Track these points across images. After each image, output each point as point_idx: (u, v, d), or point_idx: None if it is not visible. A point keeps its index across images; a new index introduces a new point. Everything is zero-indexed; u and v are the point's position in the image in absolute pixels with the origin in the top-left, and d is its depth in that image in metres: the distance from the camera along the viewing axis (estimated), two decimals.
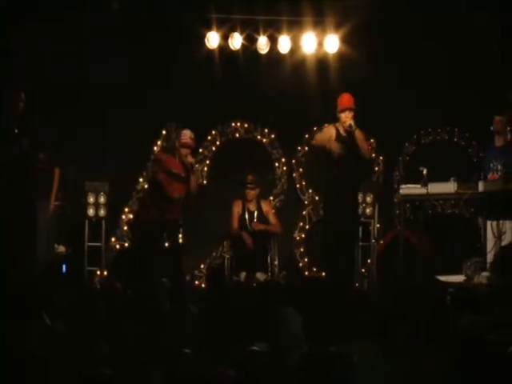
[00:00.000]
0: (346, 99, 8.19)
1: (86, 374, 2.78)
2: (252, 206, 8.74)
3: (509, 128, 8.41)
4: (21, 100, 7.38)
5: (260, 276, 8.31)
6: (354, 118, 8.17)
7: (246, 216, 8.68)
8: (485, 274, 7.80)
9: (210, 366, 3.16)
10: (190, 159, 8.30)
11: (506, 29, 9.00)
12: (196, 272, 9.70)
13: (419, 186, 8.41)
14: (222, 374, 3.01)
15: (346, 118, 8.12)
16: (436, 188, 8.26)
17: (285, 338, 3.89)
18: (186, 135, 8.33)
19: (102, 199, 8.93)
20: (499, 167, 7.89)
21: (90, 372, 2.74)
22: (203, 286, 9.42)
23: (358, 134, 8.11)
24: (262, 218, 8.71)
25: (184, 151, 8.26)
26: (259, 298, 4.55)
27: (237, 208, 8.69)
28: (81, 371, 2.82)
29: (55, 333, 4.05)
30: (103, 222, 9.00)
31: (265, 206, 8.81)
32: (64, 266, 6.90)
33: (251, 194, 8.70)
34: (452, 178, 8.12)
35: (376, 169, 10.11)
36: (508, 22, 9.00)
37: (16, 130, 7.30)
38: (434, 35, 9.42)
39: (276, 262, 8.69)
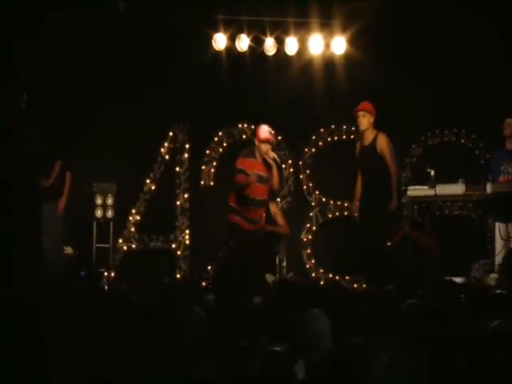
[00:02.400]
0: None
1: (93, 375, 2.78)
2: None
3: None
4: (23, 101, 7.38)
5: (269, 277, 8.31)
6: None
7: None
8: (493, 275, 7.82)
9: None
10: (272, 154, 8.01)
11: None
12: (203, 273, 9.70)
13: (427, 187, 8.42)
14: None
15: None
16: (444, 189, 8.28)
17: (310, 338, 3.88)
18: (265, 130, 8.03)
19: (109, 200, 8.94)
20: (510, 170, 7.91)
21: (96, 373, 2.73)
22: (210, 286, 9.42)
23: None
24: (270, 219, 8.70)
25: (265, 147, 7.98)
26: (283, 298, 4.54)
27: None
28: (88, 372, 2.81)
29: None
30: (111, 223, 9.00)
31: (272, 208, 8.80)
32: (82, 271, 6.89)
33: None
34: (460, 180, 8.14)
35: None
36: None
37: (21, 132, 7.30)
38: (441, 36, 9.43)
39: (284, 263, 8.69)
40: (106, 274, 8.95)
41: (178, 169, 9.80)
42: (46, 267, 7.28)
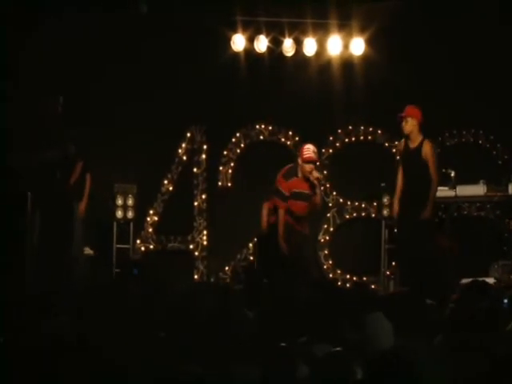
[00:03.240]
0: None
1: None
2: None
3: None
4: (59, 104, 7.42)
5: None
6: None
7: None
8: None
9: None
10: (316, 174, 8.02)
11: None
12: (221, 274, 9.71)
13: (447, 188, 8.43)
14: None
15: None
16: (465, 190, 8.30)
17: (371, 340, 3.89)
18: (310, 150, 7.98)
19: (130, 201, 8.95)
20: None
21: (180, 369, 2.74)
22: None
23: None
24: None
25: (308, 167, 7.96)
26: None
27: (266, 210, 8.68)
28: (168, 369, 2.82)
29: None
30: (131, 224, 9.01)
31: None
32: (135, 270, 6.90)
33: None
34: (481, 181, 8.15)
35: None
36: None
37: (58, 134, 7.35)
38: (459, 37, 9.42)
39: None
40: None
41: (195, 170, 9.82)
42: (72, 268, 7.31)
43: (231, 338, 3.69)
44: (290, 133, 10.01)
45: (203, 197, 9.81)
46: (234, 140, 9.95)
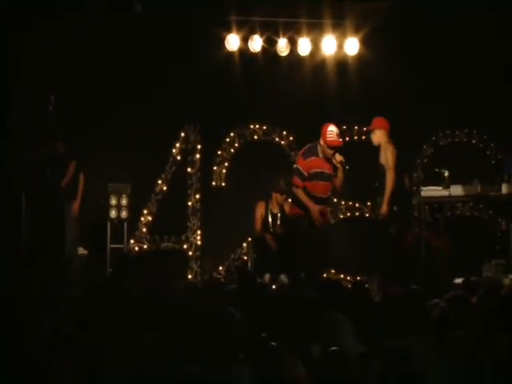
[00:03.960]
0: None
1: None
2: (275, 209, 8.74)
3: None
4: (51, 103, 7.40)
5: (284, 278, 8.30)
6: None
7: (270, 218, 8.68)
8: (511, 276, 7.83)
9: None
10: (339, 158, 7.72)
11: None
12: (214, 274, 9.70)
13: (441, 187, 8.44)
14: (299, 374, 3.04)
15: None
16: (458, 190, 8.30)
17: (339, 338, 3.91)
18: (333, 133, 7.72)
19: (123, 201, 8.93)
20: None
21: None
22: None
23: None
24: (285, 219, 8.71)
25: (330, 151, 7.71)
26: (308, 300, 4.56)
27: (260, 210, 8.70)
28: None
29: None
30: (125, 223, 9.00)
31: (287, 208, 8.80)
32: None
33: (281, 198, 8.68)
34: (475, 180, 8.16)
35: None
36: None
37: (49, 133, 7.33)
38: (453, 37, 9.44)
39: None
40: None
41: (189, 169, 9.81)
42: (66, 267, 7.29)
43: (221, 339, 3.68)
44: (285, 132, 10.03)
45: (197, 196, 9.81)
46: (228, 140, 9.95)
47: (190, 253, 9.75)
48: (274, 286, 7.99)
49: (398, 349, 3.37)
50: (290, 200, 9.68)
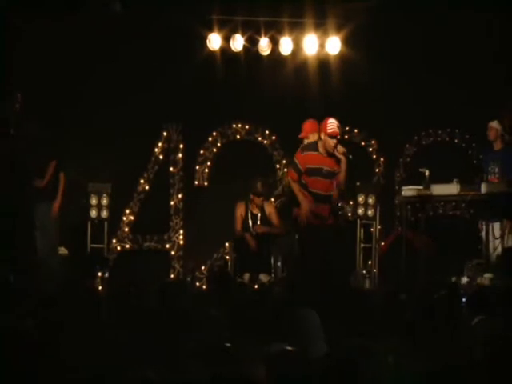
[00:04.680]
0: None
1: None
2: (255, 210, 8.73)
3: (505, 133, 8.46)
4: (17, 101, 7.35)
5: (263, 277, 8.31)
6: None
7: (250, 218, 8.67)
8: (487, 275, 7.83)
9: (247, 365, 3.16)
10: (342, 149, 7.53)
11: (506, 29, 9.02)
12: (197, 273, 9.70)
13: (421, 187, 8.43)
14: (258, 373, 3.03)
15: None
16: (439, 189, 8.29)
17: (303, 338, 3.89)
18: (334, 124, 7.53)
19: (104, 201, 8.90)
20: (497, 170, 7.95)
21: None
22: (204, 287, 9.42)
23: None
24: (265, 220, 8.71)
25: (332, 142, 7.50)
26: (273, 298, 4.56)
27: (240, 210, 8.69)
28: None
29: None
30: (106, 223, 8.98)
31: (268, 208, 8.81)
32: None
33: (259, 200, 8.67)
34: (455, 180, 8.15)
35: (377, 170, 10.13)
36: (509, 23, 9.02)
37: (12, 132, 7.28)
38: (435, 37, 9.45)
39: (279, 264, 8.69)
40: (99, 274, 8.90)
41: (171, 169, 9.80)
42: (40, 268, 7.26)
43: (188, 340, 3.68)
44: (267, 132, 10.01)
45: (179, 196, 9.80)
46: (210, 139, 9.94)
47: (173, 252, 9.74)
48: (256, 286, 8.02)
49: (355, 349, 3.35)
50: (272, 200, 9.74)
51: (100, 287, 8.38)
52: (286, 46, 9.52)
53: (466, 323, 4.10)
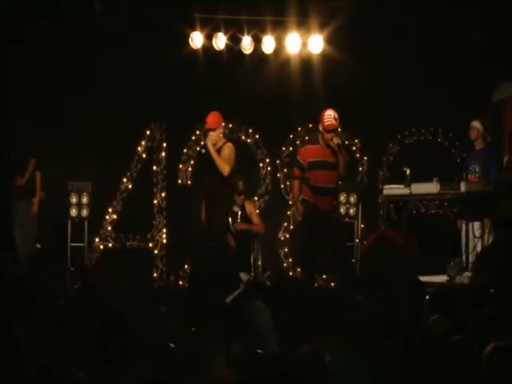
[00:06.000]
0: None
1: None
2: (235, 207, 8.72)
3: (486, 132, 8.47)
4: None
5: (243, 276, 8.29)
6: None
7: (229, 217, 8.64)
8: (467, 274, 7.82)
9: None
10: (336, 141, 7.52)
11: (488, 29, 9.01)
12: (180, 272, 9.69)
13: (402, 186, 8.42)
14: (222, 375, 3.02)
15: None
16: (419, 188, 8.27)
17: (253, 336, 3.89)
18: (330, 117, 7.57)
19: (84, 199, 8.90)
20: (478, 169, 7.95)
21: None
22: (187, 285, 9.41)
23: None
24: (246, 218, 8.70)
25: (329, 134, 7.53)
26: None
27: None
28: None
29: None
30: (86, 222, 8.97)
31: (248, 207, 8.79)
32: None
33: (240, 199, 8.66)
34: (435, 179, 8.13)
35: (360, 169, 10.12)
36: (490, 23, 9.00)
37: None
38: (418, 36, 9.43)
39: (259, 263, 8.68)
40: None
41: (155, 167, 9.79)
42: (17, 265, 7.25)
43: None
44: (250, 131, 10.00)
45: (163, 195, 9.79)
46: (193, 138, 9.92)
47: (156, 251, 9.73)
48: None
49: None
50: (255, 199, 9.73)
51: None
52: (268, 44, 9.52)
53: (424, 323, 4.09)
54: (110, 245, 9.60)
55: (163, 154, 9.79)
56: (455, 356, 3.10)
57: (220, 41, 9.46)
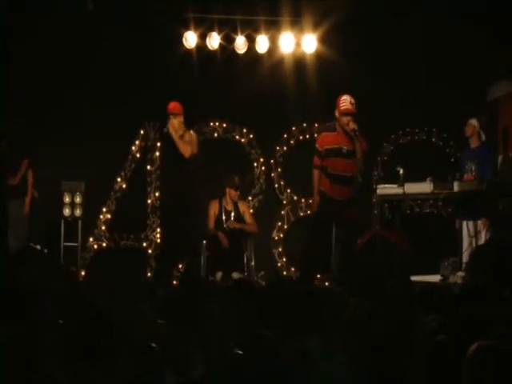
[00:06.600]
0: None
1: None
2: (229, 206, 8.71)
3: (481, 131, 8.48)
4: None
5: (236, 276, 8.28)
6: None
7: (223, 216, 8.65)
8: (460, 273, 7.82)
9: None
10: (352, 125, 7.48)
11: (482, 29, 9.01)
12: (174, 272, 9.66)
13: (396, 185, 8.43)
14: None
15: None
16: (412, 188, 8.28)
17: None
18: (347, 101, 7.58)
19: (78, 199, 8.90)
20: (473, 168, 7.94)
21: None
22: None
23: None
24: (239, 217, 8.69)
25: (345, 119, 7.52)
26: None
27: (213, 208, 8.66)
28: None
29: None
30: (79, 221, 8.97)
31: (241, 206, 8.78)
32: None
33: (234, 194, 8.65)
34: (428, 178, 8.14)
35: None
36: (485, 24, 9.00)
37: None
38: (412, 35, 9.42)
39: (252, 262, 8.67)
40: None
41: (149, 167, 9.78)
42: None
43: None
44: (244, 130, 10.00)
45: (157, 194, 9.77)
46: None
47: (150, 251, 9.72)
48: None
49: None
50: (249, 199, 9.73)
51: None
52: (262, 44, 9.52)
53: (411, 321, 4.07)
54: (104, 244, 9.59)
55: (157, 153, 9.78)
56: (438, 355, 3.10)
57: (214, 40, 9.46)
